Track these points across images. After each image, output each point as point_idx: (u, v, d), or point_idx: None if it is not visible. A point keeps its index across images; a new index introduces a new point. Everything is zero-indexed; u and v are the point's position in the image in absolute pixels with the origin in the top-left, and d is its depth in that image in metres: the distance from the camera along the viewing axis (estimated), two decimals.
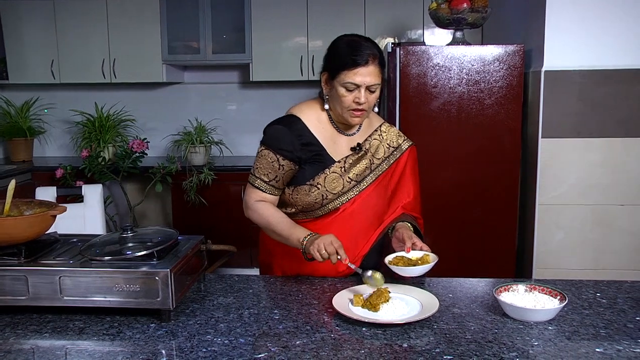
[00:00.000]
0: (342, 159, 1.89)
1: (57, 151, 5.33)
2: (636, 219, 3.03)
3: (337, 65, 1.78)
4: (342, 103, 1.80)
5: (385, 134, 2.01)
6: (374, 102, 1.83)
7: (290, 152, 1.83)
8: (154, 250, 1.53)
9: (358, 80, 1.75)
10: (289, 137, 1.84)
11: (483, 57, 3.07)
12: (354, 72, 1.75)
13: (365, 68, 1.75)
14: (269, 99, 5.09)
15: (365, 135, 1.97)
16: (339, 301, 1.55)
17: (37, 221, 1.60)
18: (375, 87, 1.79)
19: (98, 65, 4.77)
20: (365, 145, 1.95)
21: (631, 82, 2.95)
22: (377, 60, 1.77)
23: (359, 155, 1.92)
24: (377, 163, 1.96)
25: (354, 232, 1.91)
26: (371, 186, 1.93)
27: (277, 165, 1.84)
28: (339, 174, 1.87)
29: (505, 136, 3.12)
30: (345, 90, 1.78)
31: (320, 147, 1.87)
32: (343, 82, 1.77)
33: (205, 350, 1.33)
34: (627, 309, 1.56)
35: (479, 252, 3.21)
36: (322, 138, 1.88)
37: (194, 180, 4.32)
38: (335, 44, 1.85)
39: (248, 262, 4.51)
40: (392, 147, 2.00)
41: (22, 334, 1.44)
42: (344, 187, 1.88)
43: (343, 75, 1.76)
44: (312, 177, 1.85)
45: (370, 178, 1.93)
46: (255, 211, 1.88)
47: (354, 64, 1.74)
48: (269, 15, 4.63)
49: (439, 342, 1.36)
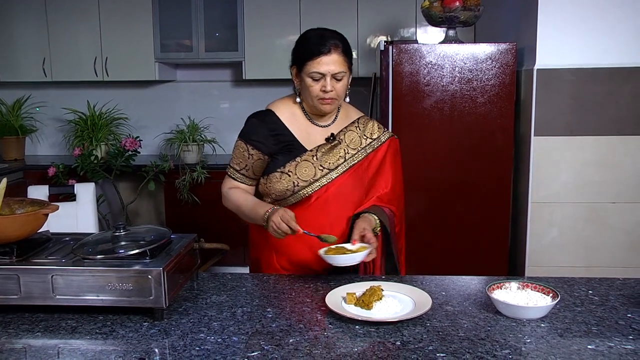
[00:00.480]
0: (315, 148, 1.95)
1: (49, 150, 5.30)
2: (628, 217, 3.05)
3: (302, 57, 1.88)
4: (311, 93, 1.88)
5: (363, 126, 2.04)
6: (342, 91, 1.89)
7: (260, 142, 1.94)
8: (147, 249, 1.53)
9: (323, 69, 1.83)
10: (259, 128, 1.96)
11: (475, 55, 3.07)
12: (317, 62, 1.83)
13: (329, 56, 1.82)
14: (262, 97, 5.03)
15: (341, 126, 2.01)
16: (332, 299, 1.55)
17: (29, 220, 1.59)
18: (341, 74, 1.85)
19: (90, 63, 4.75)
20: (339, 135, 1.98)
21: (623, 81, 2.96)
22: (340, 49, 1.84)
23: (332, 145, 1.95)
24: (352, 153, 1.98)
25: (329, 220, 1.92)
26: (345, 175, 1.95)
27: (247, 155, 1.97)
28: (310, 162, 1.93)
29: (498, 134, 3.13)
30: (311, 80, 1.86)
31: (293, 137, 1.95)
32: (309, 73, 1.85)
33: (198, 349, 1.33)
34: (619, 306, 1.57)
35: (472, 250, 3.22)
36: (295, 129, 1.96)
37: (187, 178, 4.31)
38: (300, 37, 1.94)
39: (241, 260, 4.50)
40: (370, 138, 2.03)
41: (14, 334, 1.43)
42: (316, 174, 1.92)
43: (308, 66, 1.85)
44: (284, 165, 1.92)
45: (344, 167, 1.95)
46: (227, 198, 2.02)
47: (317, 53, 1.83)
48: (262, 14, 4.62)
49: (432, 340, 1.36)
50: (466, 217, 3.21)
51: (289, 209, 1.88)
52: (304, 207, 1.92)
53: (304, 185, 1.90)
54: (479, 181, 3.17)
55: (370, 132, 2.04)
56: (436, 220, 3.21)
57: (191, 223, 4.50)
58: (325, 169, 1.93)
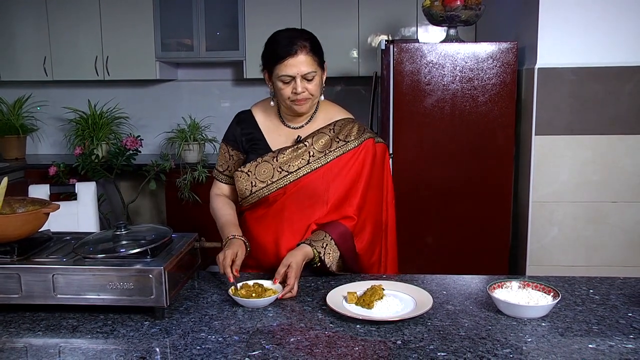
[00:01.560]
0: (277, 150, 1.91)
1: (50, 149, 5.31)
2: (628, 216, 3.04)
3: (270, 61, 1.85)
4: (283, 96, 1.85)
5: (340, 128, 1.93)
6: (315, 90, 1.84)
7: (235, 142, 1.99)
8: (148, 248, 1.53)
9: (291, 72, 1.79)
10: (235, 129, 2.02)
11: (476, 54, 3.07)
12: (284, 65, 1.79)
13: (295, 58, 1.78)
14: (263, 96, 4.96)
15: (314, 129, 1.94)
16: (333, 298, 1.55)
17: (30, 219, 1.59)
18: (311, 74, 1.80)
19: (91, 63, 4.75)
20: (308, 139, 1.92)
21: (624, 80, 2.96)
22: (306, 49, 1.80)
23: (296, 147, 1.91)
24: (318, 156, 1.88)
25: (286, 224, 1.88)
26: (304, 178, 1.87)
27: (227, 155, 2.02)
28: (270, 163, 1.89)
29: (499, 133, 3.13)
30: (282, 83, 1.83)
31: (261, 137, 1.96)
32: (278, 76, 1.82)
33: (199, 348, 1.33)
34: (620, 305, 1.57)
35: (473, 249, 3.22)
36: (266, 129, 1.98)
37: (188, 177, 4.31)
38: (268, 41, 1.90)
39: None
40: (343, 140, 1.91)
41: (15, 332, 1.44)
42: (273, 176, 1.88)
43: (277, 70, 1.82)
44: (244, 164, 1.92)
45: (304, 170, 1.88)
46: (211, 204, 2.05)
47: (285, 55, 1.79)
48: (263, 12, 4.62)
49: (432, 339, 1.36)
50: (467, 216, 3.21)
51: (253, 208, 1.92)
52: (263, 209, 1.92)
53: (262, 186, 1.88)
54: (480, 180, 3.17)
55: (346, 134, 1.92)
56: (437, 219, 3.21)
57: (192, 222, 4.49)
58: (284, 171, 1.88)
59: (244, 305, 1.57)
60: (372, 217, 1.93)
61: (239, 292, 1.59)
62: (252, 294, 1.59)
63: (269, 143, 1.94)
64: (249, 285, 1.64)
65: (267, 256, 1.91)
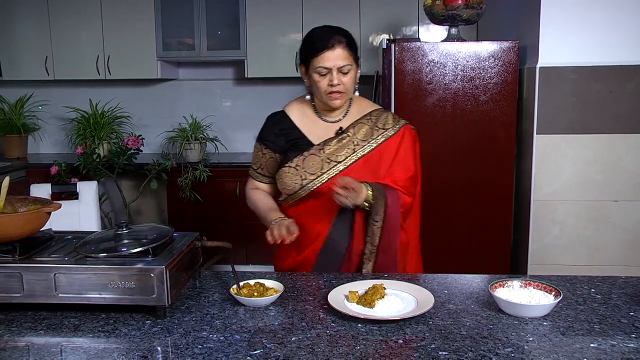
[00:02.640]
0: (322, 142, 1.98)
1: (52, 148, 5.31)
2: (630, 215, 3.04)
3: (308, 54, 1.93)
4: (319, 88, 1.93)
5: (376, 118, 2.04)
6: (350, 84, 1.93)
7: (271, 142, 2.04)
8: (149, 247, 1.53)
9: (328, 64, 1.88)
10: (270, 129, 2.06)
11: (478, 53, 3.07)
12: (322, 57, 1.88)
13: (332, 51, 1.88)
14: (264, 95, 5.08)
15: (352, 120, 2.03)
16: (335, 297, 1.55)
17: (31, 218, 1.59)
18: (347, 68, 1.90)
19: (92, 62, 4.75)
20: (349, 129, 2.00)
21: (626, 78, 2.95)
22: (343, 44, 1.89)
23: (340, 138, 1.98)
24: (362, 144, 1.98)
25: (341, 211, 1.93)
26: (354, 166, 1.96)
27: (261, 154, 2.08)
28: (317, 156, 1.96)
29: (500, 132, 3.13)
30: (319, 75, 1.91)
31: (301, 134, 2.02)
32: (315, 69, 1.90)
33: (200, 347, 1.33)
34: (621, 304, 1.57)
35: (474, 248, 3.22)
36: (304, 126, 2.03)
37: (189, 177, 4.31)
38: (306, 36, 1.99)
39: (243, 258, 4.52)
40: (382, 128, 2.01)
41: (17, 332, 1.44)
42: (323, 167, 1.95)
43: (314, 62, 1.90)
44: (291, 159, 1.98)
45: (352, 158, 1.96)
46: (248, 197, 2.14)
47: (322, 48, 1.88)
48: (264, 12, 4.62)
49: (434, 338, 1.36)
50: (468, 215, 3.21)
51: (301, 203, 1.97)
52: (314, 201, 1.96)
53: (312, 178, 1.94)
54: (481, 179, 3.17)
55: (384, 122, 2.02)
56: (438, 219, 3.21)
57: (193, 221, 4.51)
58: (333, 161, 1.96)
59: (245, 304, 1.57)
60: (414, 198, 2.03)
61: (240, 291, 1.59)
62: (253, 293, 1.59)
63: (310, 138, 2.01)
64: (251, 284, 1.64)
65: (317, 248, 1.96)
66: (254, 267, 4.45)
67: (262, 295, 1.59)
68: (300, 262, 2.00)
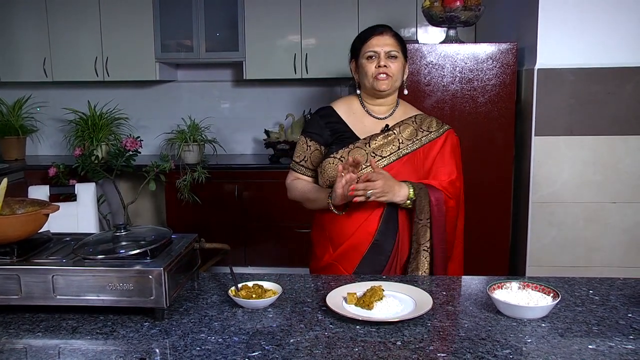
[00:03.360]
0: (368, 137, 2.02)
1: (50, 150, 5.31)
2: (628, 217, 3.05)
3: (358, 44, 2.04)
4: (367, 72, 2.00)
5: (420, 121, 2.08)
6: (397, 70, 2.01)
7: (316, 134, 2.08)
8: (148, 249, 1.53)
9: (376, 48, 1.98)
10: (316, 122, 2.11)
11: (476, 55, 3.07)
12: (370, 43, 2.00)
13: (380, 36, 2.00)
14: (263, 97, 5.08)
15: (398, 120, 2.07)
16: (333, 299, 1.55)
17: (29, 220, 1.59)
18: (394, 53, 1.99)
19: (91, 64, 4.75)
20: (395, 128, 2.04)
21: (624, 80, 2.96)
22: (390, 32, 2.02)
23: (386, 134, 2.02)
24: (407, 143, 2.02)
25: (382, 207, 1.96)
26: (397, 162, 2.00)
27: (305, 147, 2.11)
28: (363, 149, 2.00)
29: (499, 134, 3.13)
30: (367, 60, 2.00)
31: (347, 128, 2.06)
32: (364, 54, 2.00)
33: (199, 349, 1.33)
34: (619, 305, 1.57)
35: (473, 250, 3.20)
36: (351, 121, 2.08)
37: (188, 178, 4.31)
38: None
39: (242, 260, 4.51)
40: (427, 130, 2.06)
41: (15, 334, 1.43)
42: (367, 160, 1.98)
43: (364, 49, 2.01)
44: (336, 151, 2.02)
45: (396, 155, 2.00)
46: (291, 188, 2.14)
47: (370, 35, 2.01)
48: (263, 13, 4.62)
49: (432, 340, 1.36)
50: (466, 217, 3.19)
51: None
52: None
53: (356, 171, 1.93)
54: (480, 181, 3.17)
55: (428, 125, 2.07)
56: None
57: (192, 223, 4.50)
58: (378, 155, 1.99)
59: (243, 306, 1.57)
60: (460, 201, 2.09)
61: (239, 293, 1.59)
62: (252, 295, 1.59)
63: (356, 132, 2.05)
64: (249, 286, 1.64)
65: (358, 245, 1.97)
66: (253, 268, 4.45)
67: (260, 297, 1.59)
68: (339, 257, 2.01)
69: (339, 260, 2.01)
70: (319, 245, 2.11)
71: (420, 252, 1.95)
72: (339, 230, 2.00)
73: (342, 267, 2.00)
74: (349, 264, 1.99)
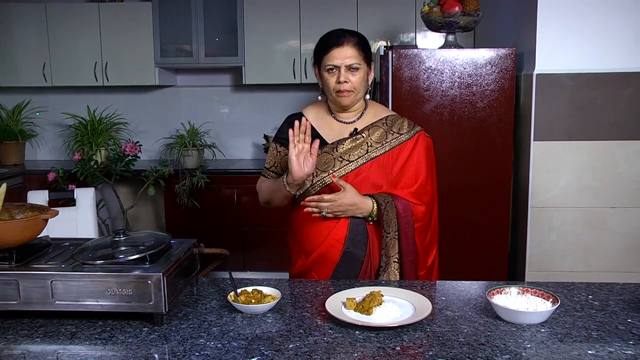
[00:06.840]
0: (336, 142, 2.01)
1: (49, 154, 5.31)
2: (627, 222, 3.05)
3: (319, 53, 1.99)
4: (329, 86, 1.97)
5: (391, 123, 2.06)
6: (359, 83, 1.96)
7: (286, 139, 1.96)
8: (147, 254, 1.53)
9: (336, 62, 1.93)
10: (285, 128, 2.07)
11: (475, 60, 3.08)
12: (330, 55, 1.93)
13: (340, 48, 1.92)
14: (262, 102, 5.08)
15: (367, 123, 2.05)
16: (332, 304, 1.55)
17: (28, 225, 1.59)
18: (355, 65, 1.93)
19: (90, 68, 4.76)
20: (364, 131, 2.02)
21: (622, 85, 2.96)
22: (352, 43, 1.93)
23: (354, 138, 2.01)
24: (375, 146, 2.00)
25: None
26: (365, 166, 1.98)
27: (275, 152, 2.11)
28: (330, 154, 2.00)
29: (497, 139, 3.13)
30: (328, 73, 1.96)
31: (315, 133, 2.02)
32: (325, 66, 1.95)
33: (198, 354, 1.33)
34: (619, 311, 1.57)
35: (472, 255, 3.22)
36: (320, 126, 2.06)
37: (187, 183, 4.31)
38: (320, 38, 2.03)
39: (241, 265, 4.51)
40: (397, 133, 2.04)
41: (13, 339, 1.43)
42: (335, 165, 1.98)
43: (324, 60, 1.95)
44: None
45: (365, 158, 1.99)
46: (259, 191, 2.16)
47: (330, 46, 1.94)
48: (262, 19, 4.63)
49: (431, 345, 1.36)
50: (466, 222, 3.20)
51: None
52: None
53: (324, 175, 1.97)
54: (479, 186, 3.17)
55: (399, 127, 2.05)
56: None
57: (191, 228, 4.50)
58: (345, 160, 1.98)
59: (242, 311, 1.56)
60: (430, 204, 2.07)
61: (238, 298, 1.59)
62: (251, 300, 1.59)
63: (324, 137, 2.03)
64: (248, 291, 1.63)
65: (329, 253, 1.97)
66: (252, 273, 4.44)
67: (259, 302, 1.59)
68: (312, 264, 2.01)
69: (313, 267, 2.02)
70: (293, 251, 2.13)
71: (391, 264, 1.95)
72: (308, 236, 2.01)
73: (317, 275, 2.01)
74: (323, 272, 2.00)
